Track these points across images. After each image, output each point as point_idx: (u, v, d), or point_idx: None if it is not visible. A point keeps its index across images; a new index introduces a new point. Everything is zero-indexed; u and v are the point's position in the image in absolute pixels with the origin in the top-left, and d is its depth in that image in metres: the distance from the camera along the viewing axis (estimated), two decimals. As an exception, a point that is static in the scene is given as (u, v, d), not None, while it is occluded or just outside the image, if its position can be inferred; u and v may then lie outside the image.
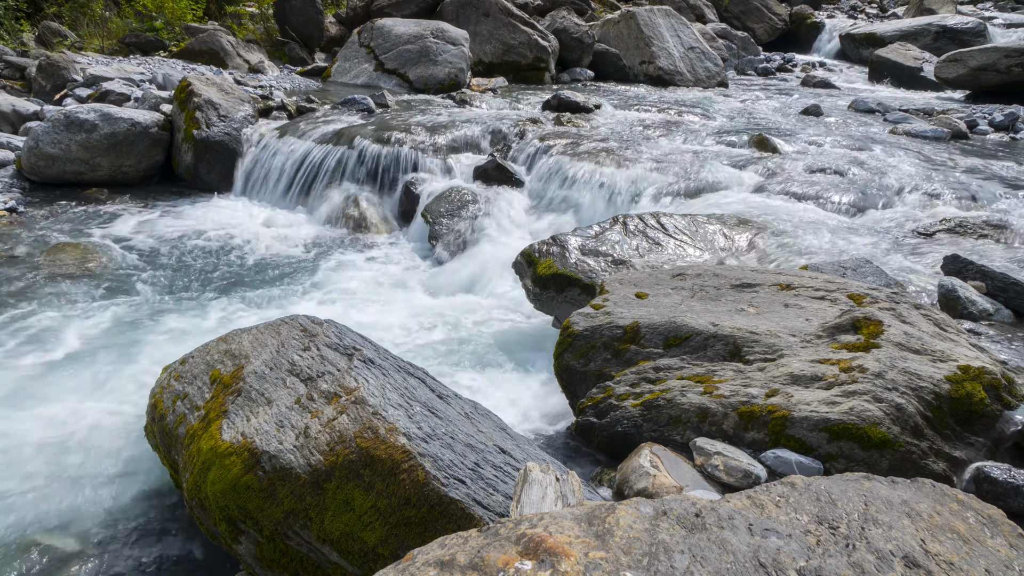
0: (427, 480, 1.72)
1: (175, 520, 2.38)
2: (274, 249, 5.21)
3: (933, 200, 4.61)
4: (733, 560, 1.26)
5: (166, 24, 11.03)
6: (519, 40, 9.94)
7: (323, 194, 5.95)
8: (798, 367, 2.29)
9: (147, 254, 4.96)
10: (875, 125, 7.35)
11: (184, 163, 6.32)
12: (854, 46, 14.84)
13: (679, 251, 3.75)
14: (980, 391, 2.11)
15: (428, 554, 1.26)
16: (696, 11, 15.51)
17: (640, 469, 2.08)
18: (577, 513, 1.37)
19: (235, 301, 4.31)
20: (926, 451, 2.03)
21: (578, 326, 2.70)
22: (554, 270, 3.57)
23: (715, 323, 2.54)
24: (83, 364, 3.46)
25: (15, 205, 5.50)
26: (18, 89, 8.06)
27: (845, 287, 2.77)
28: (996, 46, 9.68)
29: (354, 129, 6.36)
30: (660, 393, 2.35)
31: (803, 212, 4.48)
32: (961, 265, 3.31)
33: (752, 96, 9.43)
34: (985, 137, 7.03)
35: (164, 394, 2.40)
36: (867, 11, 20.55)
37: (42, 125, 5.96)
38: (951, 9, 16.64)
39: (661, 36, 10.70)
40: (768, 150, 5.87)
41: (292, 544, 1.83)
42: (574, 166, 5.51)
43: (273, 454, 1.88)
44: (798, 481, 1.53)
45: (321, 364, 2.17)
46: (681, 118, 7.32)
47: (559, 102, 7.46)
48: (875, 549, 1.32)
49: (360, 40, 9.58)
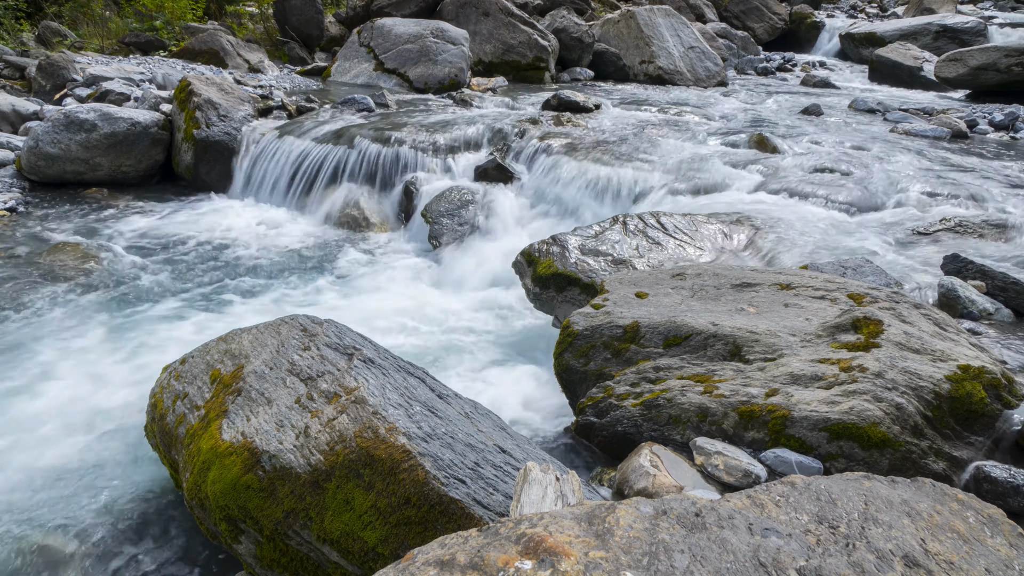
0: (427, 480, 1.72)
1: (175, 520, 2.38)
2: (274, 249, 5.21)
3: (933, 199, 4.61)
4: (733, 559, 1.26)
5: (166, 24, 11.03)
6: (519, 40, 9.93)
7: (323, 194, 5.94)
8: (798, 367, 2.29)
9: (147, 254, 4.96)
10: (875, 124, 7.34)
11: (184, 163, 6.31)
12: (854, 46, 14.84)
13: (679, 251, 3.74)
14: (980, 391, 2.11)
15: (428, 554, 1.26)
16: (696, 11, 15.50)
17: (640, 469, 2.09)
18: (577, 513, 1.37)
19: (235, 301, 4.31)
20: (926, 450, 2.03)
21: (578, 326, 2.70)
22: (554, 270, 3.57)
23: (715, 323, 2.54)
24: (82, 364, 3.46)
25: (15, 205, 5.50)
26: (18, 89, 8.06)
27: (845, 287, 2.77)
28: (996, 45, 9.68)
29: (354, 129, 6.36)
30: (660, 393, 2.35)
31: (803, 211, 4.48)
32: (961, 264, 3.31)
33: (752, 96, 9.43)
34: (985, 136, 7.03)
35: (164, 394, 2.40)
36: (867, 11, 20.55)
37: (42, 125, 5.96)
38: (951, 9, 16.65)
39: (661, 36, 10.70)
40: (768, 150, 5.87)
41: (292, 544, 1.83)
42: (574, 166, 5.51)
43: (273, 454, 1.88)
44: (798, 480, 1.53)
45: (321, 364, 2.17)
46: (681, 118, 7.32)
47: (559, 102, 7.46)
48: (875, 548, 1.32)
49: (360, 40, 9.58)
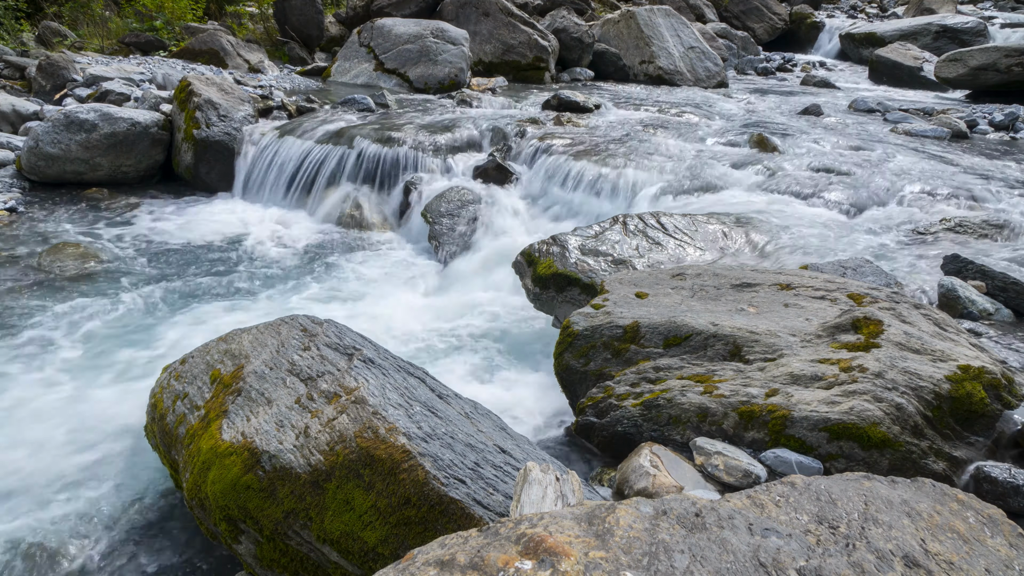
0: (427, 480, 1.72)
1: (175, 520, 2.38)
2: (274, 249, 5.21)
3: (933, 199, 4.61)
4: (733, 560, 1.26)
5: (166, 24, 11.03)
6: (519, 40, 9.93)
7: (323, 194, 5.94)
8: (798, 367, 2.29)
9: (147, 254, 4.96)
10: (875, 124, 7.35)
11: (184, 163, 6.31)
12: (854, 46, 14.85)
13: (679, 251, 3.74)
14: (980, 391, 2.11)
15: (428, 554, 1.26)
16: (696, 11, 15.50)
17: (640, 469, 2.08)
18: (577, 513, 1.37)
19: (235, 301, 4.31)
20: (926, 451, 2.03)
21: (578, 326, 2.70)
22: (554, 270, 3.57)
23: (715, 323, 2.54)
24: (82, 364, 3.46)
25: (15, 205, 5.50)
26: (18, 89, 8.06)
27: (845, 287, 2.77)
28: (996, 46, 9.69)
29: (354, 129, 6.36)
30: (660, 393, 2.35)
31: (803, 211, 4.48)
32: (961, 264, 3.31)
33: (752, 96, 9.43)
34: (985, 137, 7.03)
35: (164, 394, 2.40)
36: (867, 11, 20.55)
37: (42, 125, 5.96)
38: (951, 9, 16.65)
39: (661, 36, 10.70)
40: (768, 149, 5.87)
41: (292, 544, 1.83)
42: (574, 166, 5.51)
43: (273, 454, 1.88)
44: (798, 481, 1.53)
45: (321, 364, 2.17)
46: (681, 118, 7.32)
47: (559, 102, 7.46)
48: (875, 549, 1.32)
49: (360, 40, 9.58)
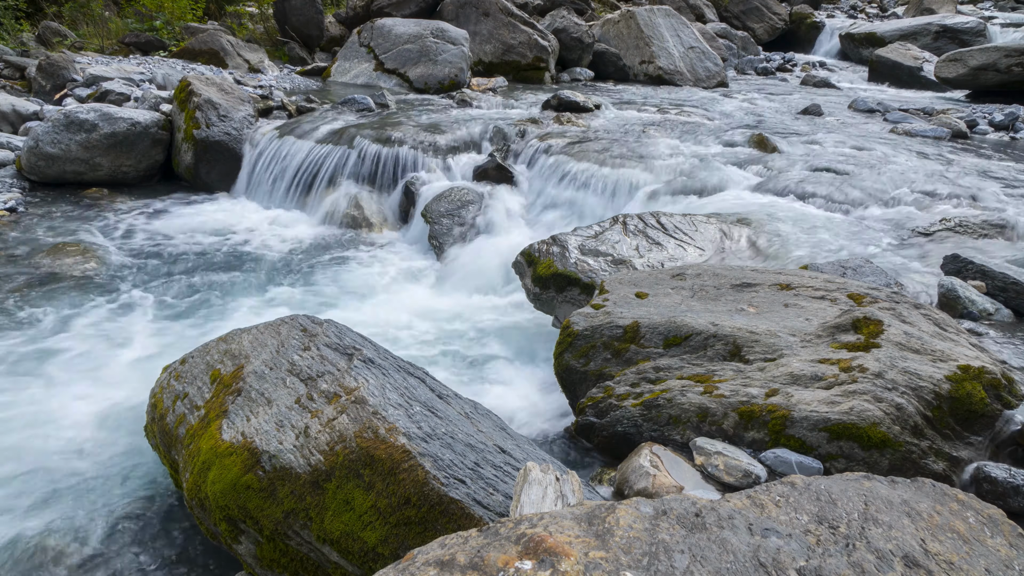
0: (427, 480, 1.72)
1: (175, 520, 2.38)
2: (274, 249, 5.21)
3: (933, 199, 4.61)
4: (733, 560, 1.26)
5: (166, 24, 11.03)
6: (519, 40, 9.93)
7: (323, 194, 5.94)
8: (798, 367, 2.29)
9: (147, 254, 4.96)
10: (875, 124, 7.34)
11: (184, 163, 6.31)
12: (854, 46, 14.84)
13: (679, 250, 3.74)
14: (980, 391, 2.11)
15: (428, 554, 1.26)
16: (696, 11, 15.50)
17: (640, 469, 2.09)
18: (577, 513, 1.37)
19: (235, 301, 4.31)
20: (926, 451, 2.03)
21: (578, 326, 2.70)
22: (554, 270, 3.57)
23: (715, 323, 2.54)
24: (82, 364, 3.46)
25: (15, 205, 5.50)
26: (18, 89, 8.06)
27: (845, 287, 2.77)
28: (996, 46, 9.69)
29: (354, 129, 6.36)
30: (660, 393, 2.35)
31: (803, 211, 4.48)
32: (961, 264, 3.31)
33: (752, 96, 9.43)
34: (985, 137, 7.03)
35: (164, 394, 2.40)
36: (867, 11, 20.56)
37: (42, 125, 5.96)
38: (951, 9, 16.66)
39: (661, 36, 10.70)
40: (768, 149, 5.87)
41: (292, 544, 1.83)
42: (574, 166, 5.51)
43: (273, 454, 1.88)
44: (798, 481, 1.53)
45: (321, 364, 2.16)
46: (681, 118, 7.32)
47: (559, 102, 7.45)
48: (875, 549, 1.32)
49: (360, 40, 9.58)
